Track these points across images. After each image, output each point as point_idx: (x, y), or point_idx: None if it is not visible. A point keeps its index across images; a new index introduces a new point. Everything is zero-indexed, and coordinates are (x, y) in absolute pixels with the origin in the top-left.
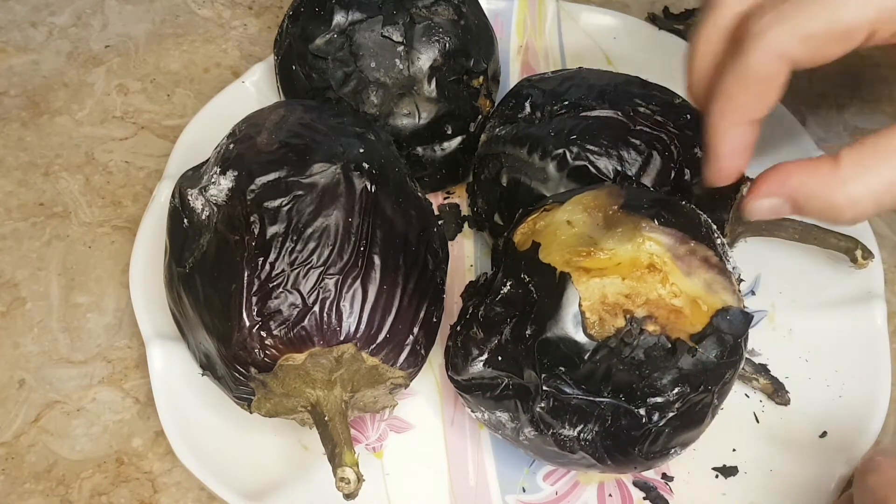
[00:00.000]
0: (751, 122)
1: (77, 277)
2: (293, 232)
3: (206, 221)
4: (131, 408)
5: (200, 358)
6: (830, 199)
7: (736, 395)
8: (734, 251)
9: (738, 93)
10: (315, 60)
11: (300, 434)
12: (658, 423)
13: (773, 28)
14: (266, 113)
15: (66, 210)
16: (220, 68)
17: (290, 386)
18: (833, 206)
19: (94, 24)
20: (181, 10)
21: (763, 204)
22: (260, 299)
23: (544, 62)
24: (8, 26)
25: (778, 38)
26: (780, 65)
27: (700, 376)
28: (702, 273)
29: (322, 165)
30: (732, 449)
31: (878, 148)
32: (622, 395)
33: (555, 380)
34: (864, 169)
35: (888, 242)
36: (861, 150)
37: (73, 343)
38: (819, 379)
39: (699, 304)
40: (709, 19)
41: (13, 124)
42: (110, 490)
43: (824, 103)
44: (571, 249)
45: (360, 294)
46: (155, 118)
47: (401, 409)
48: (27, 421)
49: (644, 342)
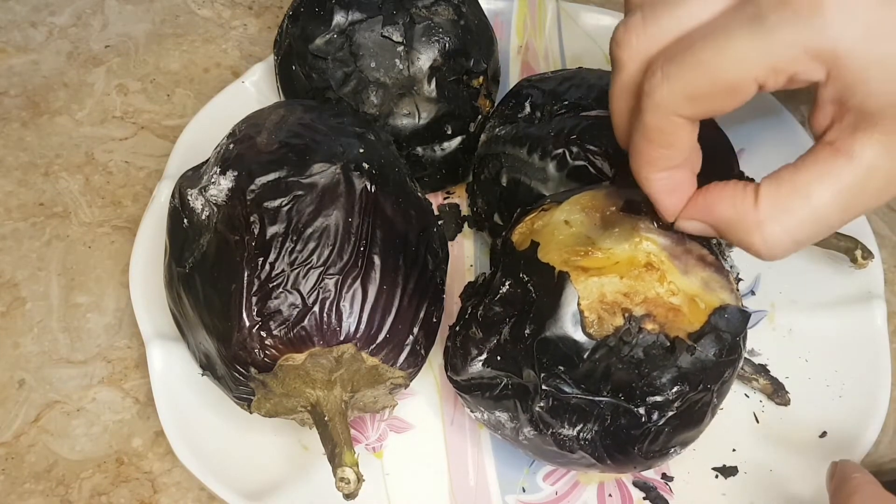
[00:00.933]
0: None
1: (77, 277)
2: (293, 232)
3: (206, 221)
4: (131, 408)
5: (200, 358)
6: (748, 238)
7: (735, 396)
8: (733, 251)
9: (644, 148)
10: (315, 60)
11: (300, 434)
12: (658, 422)
13: (659, 89)
14: (266, 113)
15: (66, 210)
16: (219, 68)
17: (290, 386)
18: (750, 244)
19: (94, 24)
20: (181, 10)
21: (690, 225)
22: (260, 299)
23: (544, 62)
24: (8, 26)
25: (665, 100)
26: (675, 122)
27: (699, 375)
28: (699, 271)
29: (322, 165)
30: (732, 449)
31: (795, 185)
32: (621, 394)
33: (554, 379)
34: (779, 210)
35: (888, 242)
36: (778, 189)
37: (72, 343)
38: (819, 379)
39: (697, 302)
40: (615, 79)
41: (13, 124)
42: (110, 490)
43: None
44: (569, 249)
45: (359, 294)
46: (155, 118)
47: (401, 409)
48: (27, 421)
49: (643, 341)
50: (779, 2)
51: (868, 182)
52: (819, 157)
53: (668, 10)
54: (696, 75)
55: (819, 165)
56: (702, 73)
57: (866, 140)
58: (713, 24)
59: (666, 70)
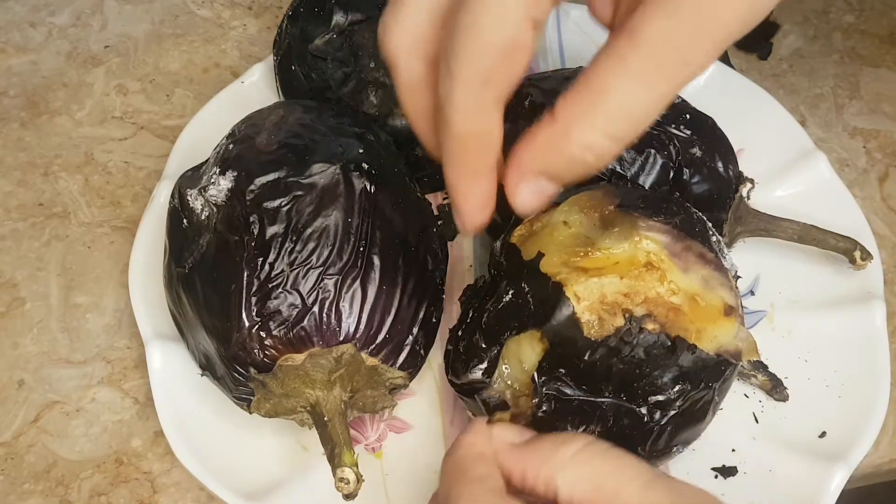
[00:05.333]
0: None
1: (76, 278)
2: (293, 232)
3: (206, 222)
4: (130, 408)
5: (200, 358)
6: (564, 154)
7: (735, 396)
8: (733, 251)
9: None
10: (314, 61)
11: (299, 434)
12: (660, 421)
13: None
14: (265, 113)
15: (65, 210)
16: (219, 68)
17: (290, 386)
18: (571, 158)
19: (94, 24)
20: (180, 11)
21: (522, 194)
22: (259, 300)
23: (544, 62)
24: (7, 26)
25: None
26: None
27: (700, 373)
28: (699, 270)
29: (321, 166)
30: (732, 449)
31: (588, 83)
32: (623, 394)
33: (555, 381)
34: (579, 113)
35: (887, 243)
36: (573, 94)
37: (72, 343)
38: (818, 379)
39: (697, 300)
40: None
41: (12, 124)
42: (109, 490)
43: (823, 103)
44: (569, 250)
45: (359, 294)
46: (154, 118)
47: (400, 409)
48: (26, 421)
49: (644, 341)
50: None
51: (657, 57)
52: (606, 46)
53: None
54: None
55: (606, 54)
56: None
57: (646, 11)
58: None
59: (447, 64)
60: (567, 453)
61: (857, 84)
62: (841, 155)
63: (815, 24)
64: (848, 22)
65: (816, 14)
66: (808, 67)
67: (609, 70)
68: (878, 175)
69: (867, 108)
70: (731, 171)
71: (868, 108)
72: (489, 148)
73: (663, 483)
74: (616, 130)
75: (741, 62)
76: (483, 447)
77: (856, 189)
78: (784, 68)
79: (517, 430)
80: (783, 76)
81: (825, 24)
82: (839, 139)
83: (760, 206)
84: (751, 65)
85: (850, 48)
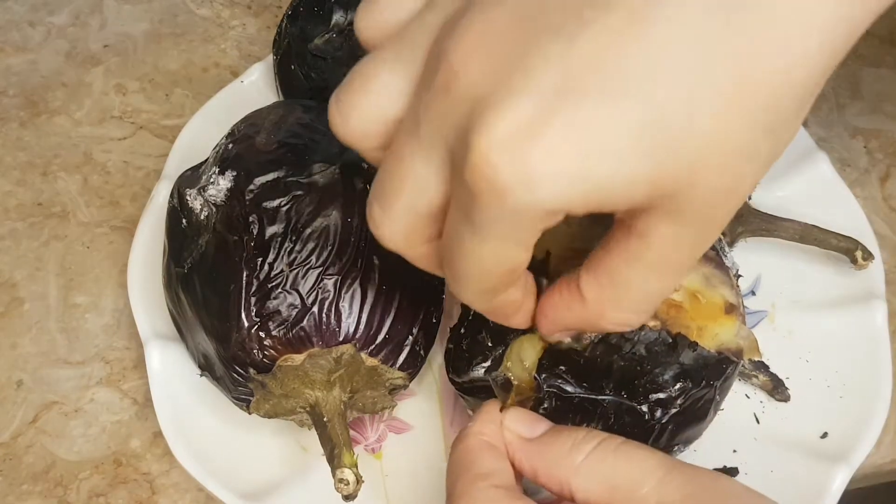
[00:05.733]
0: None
1: (75, 278)
2: (292, 232)
3: (205, 221)
4: (129, 409)
5: (199, 359)
6: (598, 327)
7: (736, 396)
8: (734, 251)
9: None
10: (314, 60)
11: (299, 435)
12: (661, 419)
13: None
14: (265, 113)
15: (64, 210)
16: (218, 68)
17: (289, 387)
18: (604, 329)
19: (93, 23)
20: (180, 10)
21: (555, 338)
22: (259, 300)
23: None
24: (6, 26)
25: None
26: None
27: (701, 371)
28: (700, 267)
29: (321, 165)
30: (733, 450)
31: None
32: (624, 391)
33: (556, 379)
34: (606, 300)
35: (888, 243)
36: (597, 281)
37: (71, 343)
38: (820, 380)
39: (698, 298)
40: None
41: (11, 124)
42: (108, 491)
43: (825, 103)
44: (569, 248)
45: (359, 294)
46: (153, 118)
47: (400, 409)
48: (25, 422)
49: (644, 338)
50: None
51: (671, 255)
52: (619, 240)
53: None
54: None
55: (621, 249)
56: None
57: (652, 220)
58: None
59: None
60: (580, 456)
61: (858, 84)
62: (842, 155)
63: None
64: None
65: None
66: None
67: (629, 266)
68: (879, 175)
69: (868, 108)
70: None
71: (869, 108)
72: (514, 310)
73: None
74: (643, 310)
75: None
76: (493, 436)
77: (857, 189)
78: None
79: (529, 419)
80: None
81: None
82: (840, 139)
83: (762, 205)
84: None
85: (852, 48)
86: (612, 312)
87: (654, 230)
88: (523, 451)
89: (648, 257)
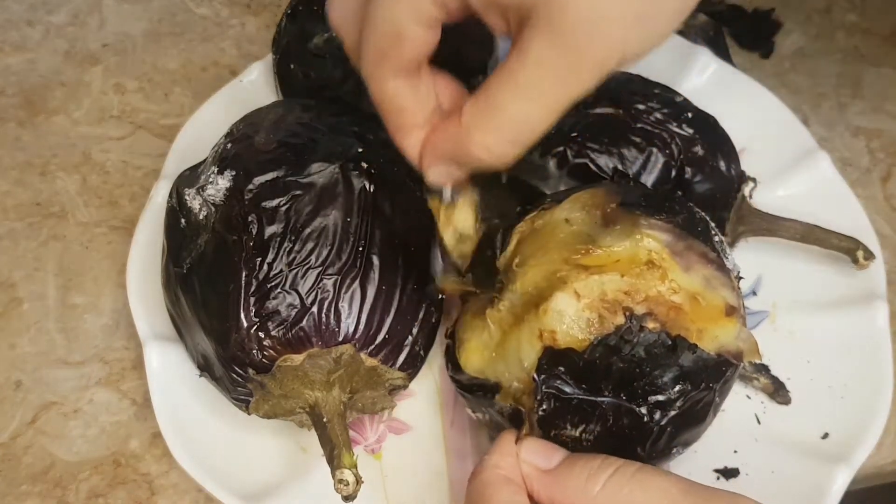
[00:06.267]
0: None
1: (74, 278)
2: (291, 232)
3: (204, 221)
4: (128, 409)
5: (198, 359)
6: (467, 150)
7: (737, 397)
8: (735, 251)
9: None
10: (313, 59)
11: (298, 436)
12: (660, 421)
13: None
14: (264, 112)
15: (62, 210)
16: (217, 67)
17: (289, 387)
18: (472, 153)
19: (91, 22)
20: (179, 9)
21: (433, 173)
22: (258, 300)
23: None
24: (5, 25)
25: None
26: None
27: (701, 373)
28: (700, 269)
29: (320, 165)
30: (734, 451)
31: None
32: (623, 393)
33: (554, 380)
34: (479, 119)
35: (890, 243)
36: (476, 100)
37: (69, 344)
38: (821, 380)
39: (699, 300)
40: None
41: (10, 124)
42: (107, 492)
43: (826, 103)
44: (570, 247)
45: (358, 294)
46: (152, 117)
47: (400, 410)
48: (24, 422)
49: (644, 339)
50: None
51: (541, 77)
52: (504, 63)
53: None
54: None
55: (501, 69)
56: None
57: (531, 34)
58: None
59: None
60: (597, 486)
61: (859, 83)
62: (843, 154)
63: (817, 22)
64: (850, 21)
65: (819, 13)
66: (811, 66)
67: (503, 86)
68: (880, 174)
69: (870, 108)
70: (734, 170)
71: (871, 107)
72: (400, 110)
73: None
74: (509, 137)
75: (743, 61)
76: (509, 469)
77: (858, 188)
78: (786, 67)
79: (545, 450)
80: (785, 75)
81: (828, 22)
82: (842, 138)
83: (763, 205)
84: (753, 63)
85: (853, 47)
86: (479, 134)
87: (530, 46)
88: (541, 482)
89: (520, 76)
